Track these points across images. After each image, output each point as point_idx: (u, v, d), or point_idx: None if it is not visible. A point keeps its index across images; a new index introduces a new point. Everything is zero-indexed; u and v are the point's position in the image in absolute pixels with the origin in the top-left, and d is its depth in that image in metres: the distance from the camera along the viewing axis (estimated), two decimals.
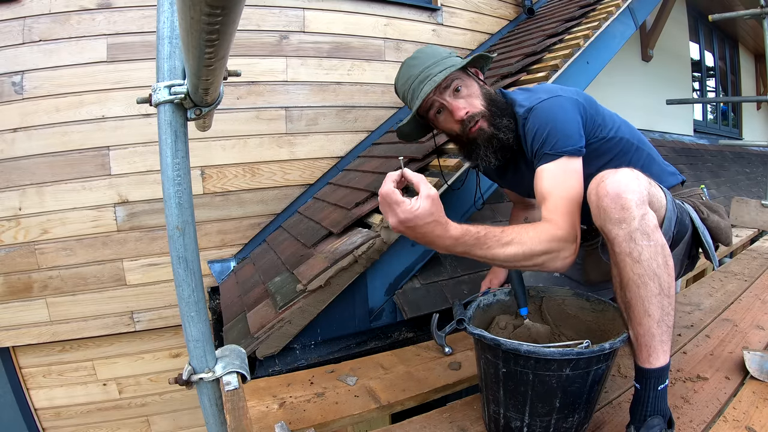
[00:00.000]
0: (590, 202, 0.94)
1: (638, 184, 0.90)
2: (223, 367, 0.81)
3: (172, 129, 0.73)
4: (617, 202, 0.87)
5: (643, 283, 0.88)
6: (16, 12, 2.12)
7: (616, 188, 0.88)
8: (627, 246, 0.88)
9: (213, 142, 2.40)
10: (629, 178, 0.90)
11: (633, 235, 0.87)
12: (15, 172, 2.18)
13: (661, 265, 0.88)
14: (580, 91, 1.19)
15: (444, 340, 1.38)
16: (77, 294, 2.30)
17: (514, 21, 3.44)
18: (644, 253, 0.87)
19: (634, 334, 0.91)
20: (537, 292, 1.18)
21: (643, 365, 0.90)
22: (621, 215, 0.87)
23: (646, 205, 0.89)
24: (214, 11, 0.42)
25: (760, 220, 2.63)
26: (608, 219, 0.89)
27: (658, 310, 0.87)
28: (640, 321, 0.89)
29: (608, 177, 0.91)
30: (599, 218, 0.91)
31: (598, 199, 0.90)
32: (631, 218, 0.87)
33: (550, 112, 1.10)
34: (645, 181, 0.93)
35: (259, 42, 2.48)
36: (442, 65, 1.17)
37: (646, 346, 0.89)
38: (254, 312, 1.62)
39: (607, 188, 0.89)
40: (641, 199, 0.88)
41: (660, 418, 0.88)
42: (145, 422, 2.58)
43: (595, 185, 0.92)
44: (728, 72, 6.28)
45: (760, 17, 2.67)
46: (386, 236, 1.58)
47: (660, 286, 0.87)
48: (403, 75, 1.23)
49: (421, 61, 1.19)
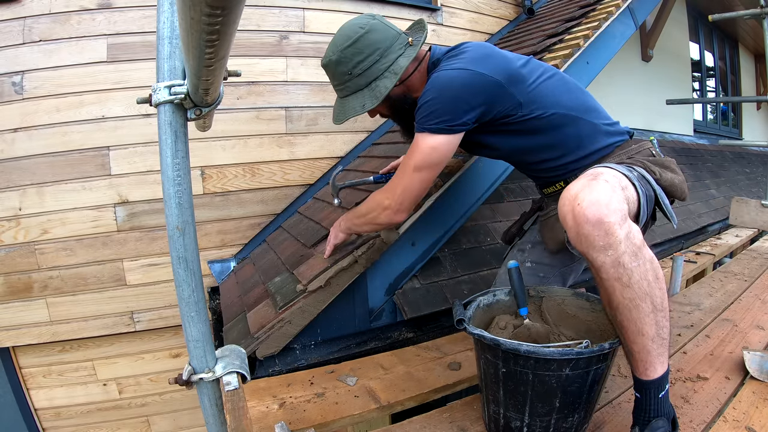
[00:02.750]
0: (566, 226, 0.86)
1: (616, 197, 0.84)
2: (223, 367, 0.81)
3: (172, 129, 0.73)
4: (600, 228, 0.81)
5: (634, 306, 0.84)
6: (16, 12, 2.12)
7: (596, 212, 0.81)
8: (615, 272, 0.83)
9: (213, 142, 2.40)
10: (606, 194, 0.83)
11: (621, 260, 0.82)
12: (15, 172, 2.18)
13: (651, 283, 0.84)
14: (505, 66, 1.16)
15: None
16: (77, 294, 2.29)
17: (514, 21, 3.44)
18: (634, 276, 0.83)
19: (628, 350, 0.89)
20: (537, 292, 1.18)
21: (641, 377, 0.88)
22: (606, 241, 0.81)
23: (628, 219, 0.84)
24: (214, 11, 0.42)
25: (760, 220, 2.63)
26: (592, 247, 0.83)
27: (652, 328, 0.85)
28: (633, 340, 0.86)
29: (584, 197, 0.83)
30: (580, 244, 0.85)
31: (577, 225, 0.83)
32: (617, 243, 0.81)
33: (438, 85, 1.15)
34: (619, 189, 0.87)
35: (259, 42, 2.48)
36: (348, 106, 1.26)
37: (642, 361, 0.87)
38: (254, 312, 1.62)
39: (585, 213, 0.82)
40: (623, 216, 0.83)
41: (664, 420, 0.87)
42: (145, 422, 2.58)
43: (570, 207, 0.85)
44: (728, 72, 6.28)
45: (760, 17, 2.67)
46: (386, 236, 1.58)
47: (653, 304, 0.84)
48: (326, 72, 1.31)
49: (332, 74, 1.28)
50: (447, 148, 1.16)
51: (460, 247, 1.95)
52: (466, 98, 1.12)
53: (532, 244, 1.43)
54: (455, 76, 1.13)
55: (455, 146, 1.18)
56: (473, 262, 1.93)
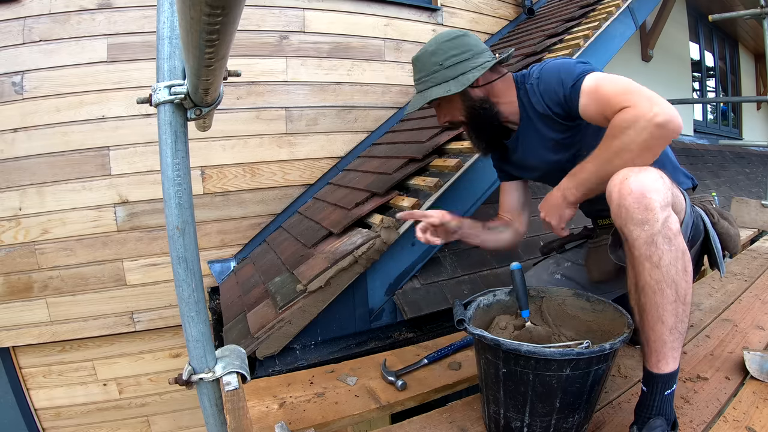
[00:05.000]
0: (610, 200, 0.89)
1: (663, 184, 0.86)
2: (223, 368, 0.81)
3: (172, 129, 0.73)
4: (641, 202, 0.84)
5: (659, 290, 0.85)
6: (16, 12, 2.12)
7: (640, 187, 0.84)
8: (647, 249, 0.85)
9: (213, 142, 2.40)
10: (653, 178, 0.86)
11: (655, 239, 0.84)
12: (15, 172, 2.18)
13: (680, 272, 0.85)
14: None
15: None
16: (77, 294, 2.30)
17: (514, 21, 3.44)
18: (664, 258, 0.85)
19: (645, 338, 0.89)
20: (537, 292, 1.18)
21: (652, 369, 0.89)
22: (644, 216, 0.84)
23: (669, 208, 0.86)
24: (214, 11, 0.42)
25: (760, 220, 2.63)
26: (630, 219, 0.86)
27: (672, 318, 0.86)
28: (652, 327, 0.87)
29: (632, 175, 0.87)
30: (620, 217, 0.88)
31: (621, 197, 0.86)
32: (654, 220, 0.84)
33: (562, 60, 1.14)
34: (669, 182, 0.90)
35: (259, 42, 2.48)
36: (430, 94, 1.20)
37: (656, 351, 0.88)
38: (254, 312, 1.62)
39: (630, 186, 0.85)
40: (665, 201, 0.85)
41: (662, 420, 0.87)
42: (145, 422, 2.58)
43: (617, 182, 0.88)
44: (728, 72, 6.28)
45: (760, 17, 2.67)
46: (386, 236, 1.58)
47: (677, 293, 0.85)
48: (414, 66, 1.26)
49: (422, 65, 1.21)
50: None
51: (460, 247, 1.95)
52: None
53: (572, 263, 1.42)
54: (560, 60, 1.14)
55: None
56: (473, 262, 1.93)
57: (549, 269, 1.44)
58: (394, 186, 1.83)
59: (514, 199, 1.40)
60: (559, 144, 1.19)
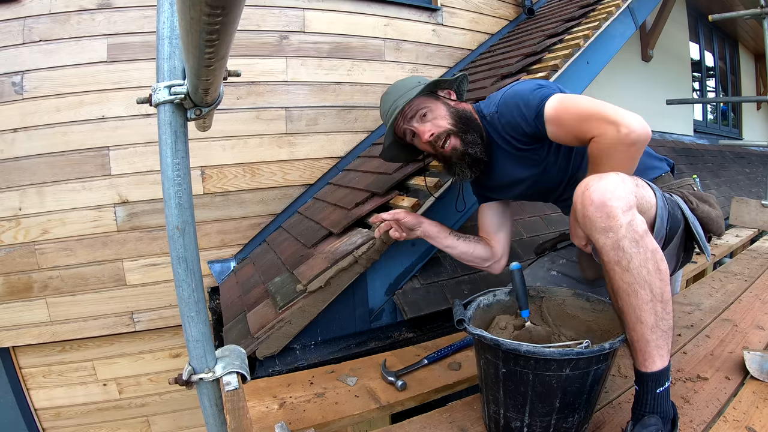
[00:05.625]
0: (575, 211, 0.93)
1: (624, 188, 0.88)
2: (223, 368, 0.81)
3: (172, 129, 0.73)
4: (602, 211, 0.86)
5: (633, 291, 0.87)
6: (16, 12, 2.12)
7: (600, 196, 0.87)
8: (615, 255, 0.87)
9: (213, 142, 2.40)
10: (614, 184, 0.88)
11: (621, 243, 0.86)
12: (15, 172, 2.17)
13: (652, 272, 0.86)
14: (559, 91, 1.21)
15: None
16: (77, 294, 2.29)
17: (514, 21, 3.44)
18: (633, 261, 0.86)
19: (629, 339, 0.90)
20: (537, 292, 1.18)
21: (640, 368, 0.90)
22: (607, 224, 0.86)
23: (633, 210, 0.88)
24: (214, 11, 0.42)
25: (760, 220, 2.63)
26: (594, 228, 0.88)
27: (651, 317, 0.86)
28: (633, 327, 0.88)
29: (593, 184, 0.89)
30: (585, 227, 0.90)
31: (584, 208, 0.89)
32: (617, 226, 0.85)
33: (518, 89, 1.20)
34: (631, 184, 0.91)
35: (259, 42, 2.48)
36: (405, 97, 1.29)
37: (641, 351, 0.88)
38: (254, 312, 1.62)
39: (591, 197, 0.87)
40: (627, 205, 0.87)
41: (657, 418, 0.87)
42: (145, 422, 2.58)
43: (580, 193, 0.91)
44: (728, 72, 6.28)
45: (760, 17, 2.67)
46: (386, 236, 1.58)
47: (652, 293, 0.86)
48: (381, 108, 1.41)
49: (391, 95, 1.34)
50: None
51: None
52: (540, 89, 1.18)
53: (567, 260, 1.45)
54: (518, 85, 1.22)
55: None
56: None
57: (545, 266, 1.46)
58: (394, 186, 1.83)
59: (490, 219, 1.46)
60: (528, 160, 1.27)
